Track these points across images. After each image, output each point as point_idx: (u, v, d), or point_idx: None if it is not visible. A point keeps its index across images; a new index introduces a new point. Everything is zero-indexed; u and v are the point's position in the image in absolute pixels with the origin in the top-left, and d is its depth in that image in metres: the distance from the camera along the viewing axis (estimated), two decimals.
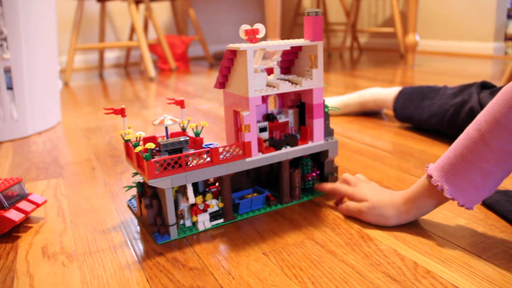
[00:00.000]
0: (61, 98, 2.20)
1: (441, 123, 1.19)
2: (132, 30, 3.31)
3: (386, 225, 0.75)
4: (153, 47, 3.28)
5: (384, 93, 1.46)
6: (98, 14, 3.52)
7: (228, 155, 0.76)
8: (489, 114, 0.64)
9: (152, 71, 2.71)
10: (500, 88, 1.09)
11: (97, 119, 1.69)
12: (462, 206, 0.66)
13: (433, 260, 0.64)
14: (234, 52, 0.76)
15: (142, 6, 3.56)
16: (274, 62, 0.84)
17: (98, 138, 1.41)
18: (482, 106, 1.06)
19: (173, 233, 0.74)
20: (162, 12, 3.90)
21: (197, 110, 1.77)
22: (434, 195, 0.70)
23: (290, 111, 0.87)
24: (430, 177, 0.69)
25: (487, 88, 1.14)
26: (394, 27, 3.44)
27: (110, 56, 3.74)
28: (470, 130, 0.67)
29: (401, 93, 1.37)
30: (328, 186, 0.86)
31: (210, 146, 0.75)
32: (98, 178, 1.05)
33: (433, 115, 1.22)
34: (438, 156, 1.09)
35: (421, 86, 1.34)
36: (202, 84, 2.50)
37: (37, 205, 0.84)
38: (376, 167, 1.04)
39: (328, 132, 0.88)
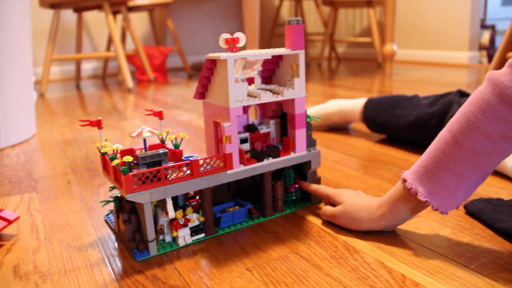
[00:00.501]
0: (37, 109, 2.15)
1: (421, 135, 1.18)
2: (110, 40, 3.27)
3: (358, 229, 0.75)
4: (131, 58, 3.25)
5: (349, 104, 1.42)
6: (75, 24, 3.47)
7: (208, 167, 0.74)
8: (461, 115, 0.64)
9: (130, 82, 2.67)
10: None
11: (74, 131, 1.65)
12: (436, 210, 0.65)
13: (421, 272, 0.63)
14: (214, 62, 0.75)
15: (119, 17, 3.53)
16: (255, 72, 0.83)
17: (75, 151, 1.37)
18: None
19: (153, 249, 0.71)
20: (140, 23, 3.87)
21: (176, 121, 1.75)
22: (408, 199, 0.69)
23: (272, 122, 0.86)
24: (404, 181, 0.69)
25: (466, 96, 1.14)
26: (372, 37, 3.48)
27: (87, 67, 3.69)
28: (443, 133, 0.66)
29: (369, 102, 1.35)
30: (312, 186, 0.86)
31: (190, 158, 0.73)
32: (74, 193, 1.01)
33: (410, 126, 1.20)
34: None
35: (390, 95, 1.33)
36: (181, 94, 2.47)
37: (9, 222, 0.80)
38: (358, 177, 1.03)
39: (311, 143, 0.87)
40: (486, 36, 3.55)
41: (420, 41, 3.67)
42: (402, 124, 1.23)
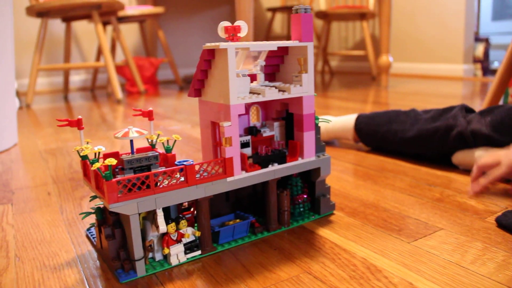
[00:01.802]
0: (21, 120, 2.04)
1: (425, 149, 1.09)
2: (99, 52, 3.18)
3: None
4: (121, 69, 3.15)
5: (339, 122, 1.30)
6: (63, 35, 3.38)
7: (206, 174, 0.64)
8: None
9: (119, 93, 2.57)
10: (486, 110, 1.01)
11: (58, 141, 1.54)
12: None
13: None
14: (212, 52, 0.65)
15: (109, 28, 3.44)
16: (257, 67, 0.74)
17: (58, 160, 1.26)
18: (473, 130, 0.98)
19: (140, 269, 0.61)
20: (130, 34, 3.79)
21: (167, 130, 1.65)
22: None
23: (276, 124, 0.76)
24: None
25: (470, 112, 1.06)
26: (365, 50, 3.42)
27: (76, 79, 3.58)
28: None
29: (361, 118, 1.24)
30: (480, 184, 0.84)
31: (185, 163, 0.63)
32: (53, 205, 0.91)
33: (411, 141, 1.10)
34: (433, 174, 1.00)
35: (384, 111, 1.24)
36: (172, 105, 2.37)
37: None
38: (368, 187, 0.94)
39: (320, 148, 0.77)
40: (480, 49, 3.51)
41: (415, 54, 3.63)
42: (402, 139, 1.13)
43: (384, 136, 1.18)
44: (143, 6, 3.33)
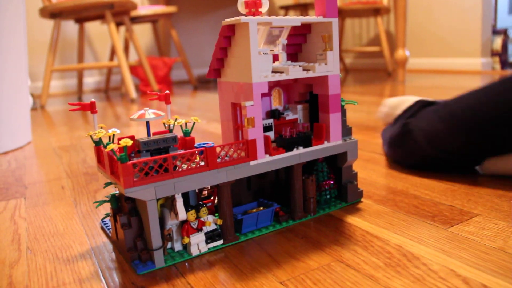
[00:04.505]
0: (35, 120, 2.02)
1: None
2: (112, 52, 3.16)
3: None
4: (134, 70, 3.13)
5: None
6: (76, 37, 3.37)
7: (227, 157, 0.60)
8: None
9: (133, 92, 2.55)
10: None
11: (72, 138, 1.52)
12: None
13: (506, 280, 0.48)
14: (232, 28, 0.61)
15: (122, 29, 3.43)
16: (279, 46, 0.70)
17: (72, 156, 1.23)
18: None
19: (159, 259, 0.57)
20: (143, 34, 3.77)
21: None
22: None
23: (299, 107, 0.72)
24: None
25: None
26: (380, 46, 3.36)
27: (90, 81, 3.58)
28: None
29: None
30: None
31: (205, 145, 0.59)
32: (67, 198, 0.87)
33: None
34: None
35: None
36: (187, 103, 2.34)
37: None
38: (396, 175, 0.89)
39: (346, 131, 0.73)
40: (498, 42, 3.43)
41: (431, 48, 3.55)
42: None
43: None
44: (155, 5, 3.31)
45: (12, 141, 1.39)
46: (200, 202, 0.62)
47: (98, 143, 0.61)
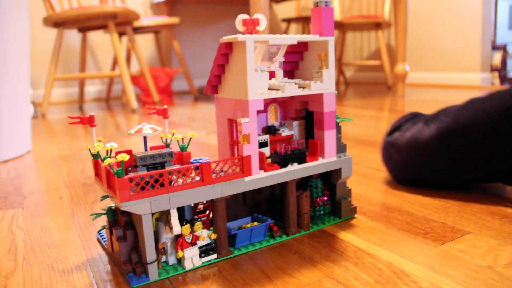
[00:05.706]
0: (36, 128, 2.03)
1: None
2: (115, 62, 3.19)
3: None
4: (136, 80, 3.15)
5: None
6: (79, 46, 3.40)
7: (222, 172, 0.61)
8: None
9: (134, 102, 2.56)
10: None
11: (72, 148, 1.53)
12: None
13: None
14: (229, 46, 0.63)
15: (125, 39, 3.46)
16: (275, 64, 0.71)
17: (71, 166, 1.24)
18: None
19: (153, 273, 0.58)
20: (145, 44, 3.80)
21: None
22: None
23: (295, 123, 0.73)
24: None
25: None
26: (381, 60, 3.38)
27: (91, 90, 3.60)
28: None
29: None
30: None
31: (200, 161, 0.60)
32: (64, 209, 0.88)
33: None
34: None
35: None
36: (187, 114, 2.36)
37: None
38: (391, 191, 0.90)
39: (341, 148, 0.74)
40: (497, 57, 3.45)
41: (431, 63, 3.58)
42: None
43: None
44: (158, 16, 3.34)
45: (12, 150, 1.40)
46: (195, 216, 0.63)
47: (96, 156, 0.63)
